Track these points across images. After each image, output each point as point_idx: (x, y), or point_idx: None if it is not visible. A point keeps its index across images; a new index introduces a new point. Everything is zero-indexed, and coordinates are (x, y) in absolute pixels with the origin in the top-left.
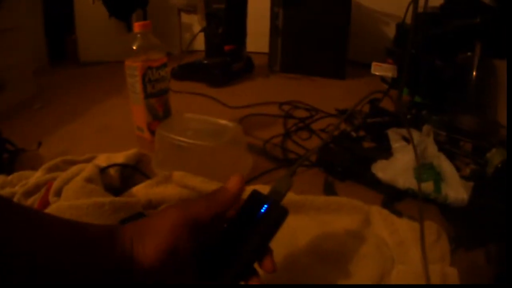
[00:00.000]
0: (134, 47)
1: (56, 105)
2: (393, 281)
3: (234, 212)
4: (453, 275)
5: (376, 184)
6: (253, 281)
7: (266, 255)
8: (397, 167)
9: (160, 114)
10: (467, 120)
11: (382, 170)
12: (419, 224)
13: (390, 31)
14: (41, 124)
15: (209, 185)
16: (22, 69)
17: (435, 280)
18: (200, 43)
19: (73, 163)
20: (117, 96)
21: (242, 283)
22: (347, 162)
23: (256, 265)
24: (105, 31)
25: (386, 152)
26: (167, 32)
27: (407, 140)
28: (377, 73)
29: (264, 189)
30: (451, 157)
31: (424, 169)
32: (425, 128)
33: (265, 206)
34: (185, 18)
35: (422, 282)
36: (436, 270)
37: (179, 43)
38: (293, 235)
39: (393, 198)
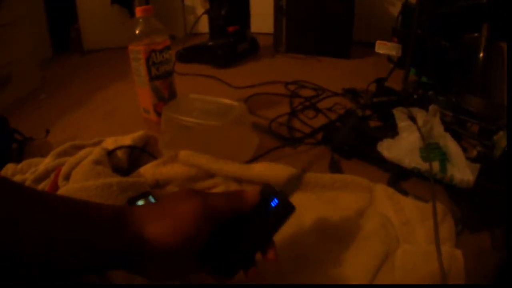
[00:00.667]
0: (137, 32)
1: (61, 94)
2: (398, 261)
3: None
4: (458, 257)
5: (382, 162)
6: (252, 271)
7: (270, 247)
8: (403, 146)
9: (165, 95)
10: (474, 102)
11: (388, 148)
12: (427, 204)
13: (396, 10)
14: (48, 113)
15: (215, 164)
16: (26, 62)
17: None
18: (204, 26)
19: (81, 147)
20: (122, 82)
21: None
22: (353, 140)
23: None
24: (108, 18)
25: (392, 131)
26: (171, 15)
27: (413, 119)
28: (381, 52)
29: (270, 166)
30: (457, 138)
31: (430, 149)
32: (432, 107)
33: (275, 200)
34: (188, 0)
35: (428, 262)
36: (441, 251)
37: (183, 26)
38: (298, 213)
39: (399, 177)
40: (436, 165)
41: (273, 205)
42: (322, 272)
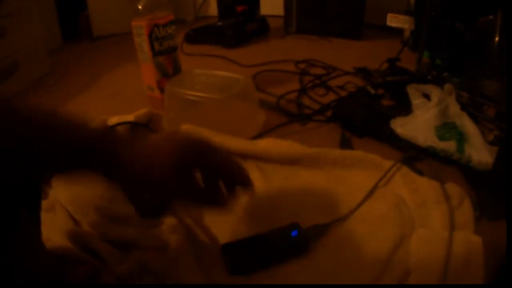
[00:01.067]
0: (140, 7)
1: (70, 79)
2: (413, 246)
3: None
4: (477, 244)
5: (395, 141)
6: None
7: None
8: (418, 124)
9: (169, 71)
10: (490, 85)
11: (402, 126)
12: (444, 185)
13: None
14: (55, 97)
15: (217, 138)
16: (35, 49)
17: (457, 248)
18: (214, 9)
19: None
20: (129, 64)
21: None
22: (364, 117)
23: None
24: (117, 4)
25: (406, 110)
26: None
27: (428, 97)
28: (392, 25)
29: (275, 142)
30: (473, 120)
31: (447, 128)
32: (447, 87)
33: (295, 231)
34: None
35: (444, 248)
36: (459, 237)
37: (193, 9)
38: (308, 192)
39: (412, 156)
40: (452, 145)
41: (292, 234)
42: (330, 256)
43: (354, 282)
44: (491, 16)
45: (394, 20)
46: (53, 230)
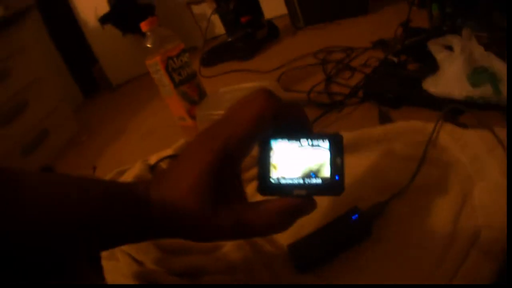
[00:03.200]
0: (149, 45)
1: (99, 130)
2: (476, 201)
3: None
4: None
5: (432, 102)
6: None
7: None
8: (448, 78)
9: (195, 98)
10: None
11: (434, 84)
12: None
13: None
14: (91, 151)
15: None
16: (60, 112)
17: None
18: (220, 28)
19: (126, 171)
20: (152, 102)
21: None
22: (396, 87)
23: None
24: (125, 49)
25: (433, 67)
26: (185, 28)
27: (451, 48)
28: None
29: None
30: (500, 57)
31: (477, 73)
32: (464, 32)
33: (356, 216)
34: (196, 9)
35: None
36: None
37: (200, 34)
38: (359, 176)
39: (453, 110)
40: (488, 89)
41: (353, 218)
42: (395, 234)
43: (424, 255)
44: None
45: None
46: (118, 276)
